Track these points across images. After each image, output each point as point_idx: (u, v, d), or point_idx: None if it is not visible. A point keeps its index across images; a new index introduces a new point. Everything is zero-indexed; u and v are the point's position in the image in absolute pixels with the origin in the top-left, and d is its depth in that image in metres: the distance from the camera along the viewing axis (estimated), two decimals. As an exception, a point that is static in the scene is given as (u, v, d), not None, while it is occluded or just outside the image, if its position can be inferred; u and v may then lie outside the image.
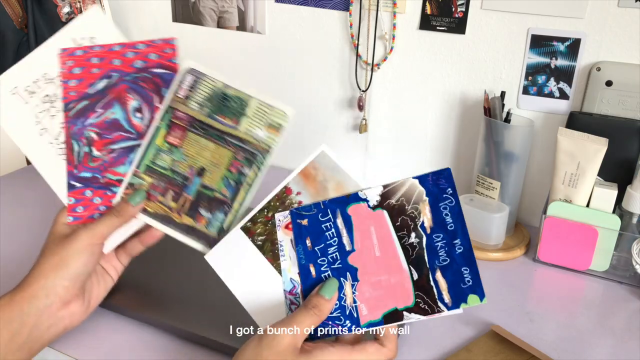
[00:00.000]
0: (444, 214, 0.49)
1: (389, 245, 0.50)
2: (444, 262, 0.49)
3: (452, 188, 0.49)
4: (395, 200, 0.50)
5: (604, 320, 0.68)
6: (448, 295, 0.48)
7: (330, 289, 0.50)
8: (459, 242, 0.49)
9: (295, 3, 0.96)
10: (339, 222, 0.51)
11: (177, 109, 0.57)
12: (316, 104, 1.01)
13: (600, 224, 0.74)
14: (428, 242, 0.49)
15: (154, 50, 0.58)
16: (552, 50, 0.81)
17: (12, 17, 1.04)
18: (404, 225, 0.50)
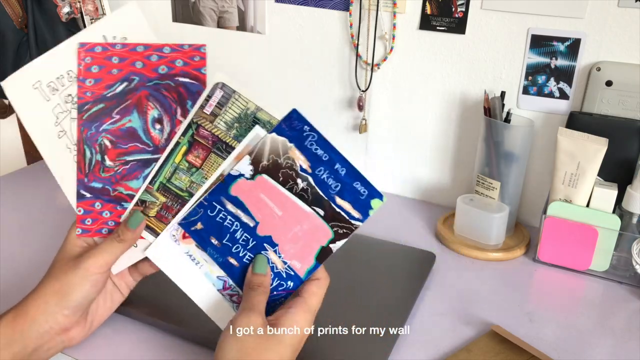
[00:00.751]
0: (314, 149, 0.51)
1: (284, 200, 0.51)
2: (337, 187, 0.51)
3: (307, 125, 0.52)
4: (266, 160, 0.51)
5: (604, 320, 0.68)
6: (355, 211, 0.51)
7: (261, 264, 0.52)
8: (340, 165, 0.51)
9: (295, 3, 0.96)
10: (230, 207, 0.52)
11: (201, 126, 0.53)
12: (316, 104, 1.01)
13: (600, 224, 0.74)
14: (315, 180, 0.51)
15: (181, 56, 0.54)
16: (552, 50, 0.81)
17: (12, 17, 1.04)
18: (287, 177, 0.52)
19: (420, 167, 0.97)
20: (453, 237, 0.84)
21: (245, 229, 0.52)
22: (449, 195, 0.96)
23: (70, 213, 0.57)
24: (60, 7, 1.03)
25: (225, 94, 0.53)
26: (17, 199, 0.93)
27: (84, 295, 0.53)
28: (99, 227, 0.56)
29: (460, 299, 0.71)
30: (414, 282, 0.71)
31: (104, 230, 0.56)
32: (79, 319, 0.54)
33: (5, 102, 1.24)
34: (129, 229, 0.54)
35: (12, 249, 0.78)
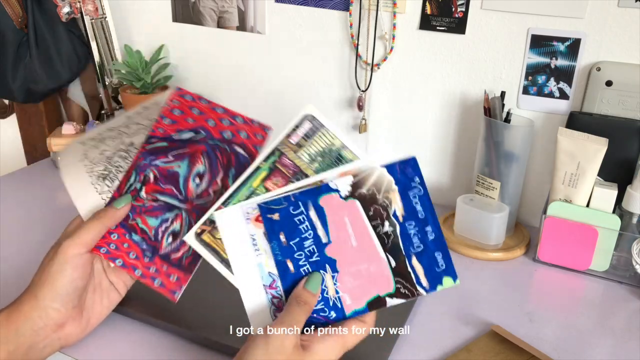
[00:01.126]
0: (414, 202, 0.51)
1: (365, 234, 0.51)
2: (418, 248, 0.50)
3: (419, 177, 0.51)
4: (365, 189, 0.51)
5: (604, 320, 0.68)
6: (425, 279, 0.50)
7: (316, 282, 0.50)
8: (430, 229, 0.51)
9: (295, 3, 0.96)
10: (312, 214, 0.51)
11: (285, 154, 0.52)
12: (316, 104, 1.00)
13: (600, 224, 0.74)
14: (402, 230, 0.50)
15: (248, 129, 0.57)
16: (552, 50, 0.81)
17: (12, 17, 1.04)
18: (377, 214, 0.51)
19: (420, 167, 0.97)
20: (453, 237, 0.84)
21: (316, 241, 0.51)
22: (449, 195, 0.96)
23: (70, 213, 0.58)
24: (60, 7, 1.03)
25: (313, 127, 0.53)
26: (17, 199, 0.93)
27: (68, 281, 0.52)
28: (101, 246, 0.56)
29: (460, 299, 0.71)
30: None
31: (103, 249, 0.56)
32: (73, 314, 0.54)
33: (5, 102, 1.24)
34: (114, 207, 0.55)
35: (12, 249, 0.78)
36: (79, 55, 1.11)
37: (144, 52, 1.09)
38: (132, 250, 0.57)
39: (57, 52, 1.08)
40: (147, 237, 0.57)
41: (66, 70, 1.11)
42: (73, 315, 0.54)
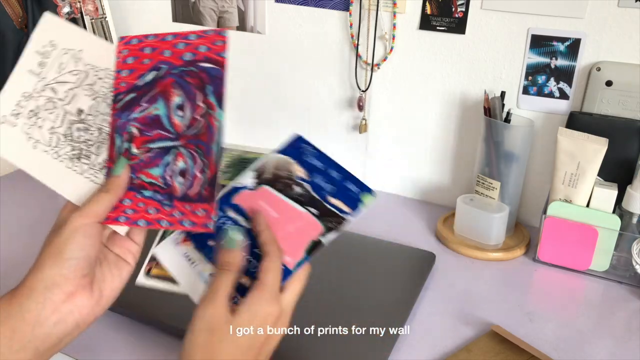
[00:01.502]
0: (311, 162, 0.57)
1: (281, 204, 0.56)
2: (330, 189, 0.56)
3: (308, 144, 0.58)
4: (268, 174, 0.57)
5: (604, 320, 0.68)
6: (347, 207, 0.55)
7: (229, 240, 0.51)
8: (334, 171, 0.57)
9: (295, 3, 0.96)
10: (231, 213, 0.56)
11: None
12: (316, 104, 1.01)
13: (600, 224, 0.74)
14: (311, 185, 0.56)
15: (205, 41, 0.56)
16: (552, 50, 0.81)
17: (12, 17, 1.04)
18: (285, 185, 0.57)
19: (420, 167, 0.97)
20: (453, 237, 0.84)
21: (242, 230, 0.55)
22: (449, 195, 0.96)
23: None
24: (60, 7, 1.03)
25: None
26: (17, 199, 0.93)
27: (78, 249, 0.50)
28: (117, 215, 0.55)
29: (460, 299, 0.71)
30: (414, 282, 0.71)
31: (121, 218, 0.55)
32: (83, 283, 0.50)
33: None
34: (114, 175, 0.54)
35: (12, 248, 0.78)
36: (79, 55, 1.11)
37: (144, 52, 1.09)
38: (150, 206, 0.56)
39: (57, 52, 1.08)
40: (157, 187, 0.56)
41: (66, 70, 1.11)
42: (83, 284, 0.50)
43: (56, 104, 0.57)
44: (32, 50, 0.57)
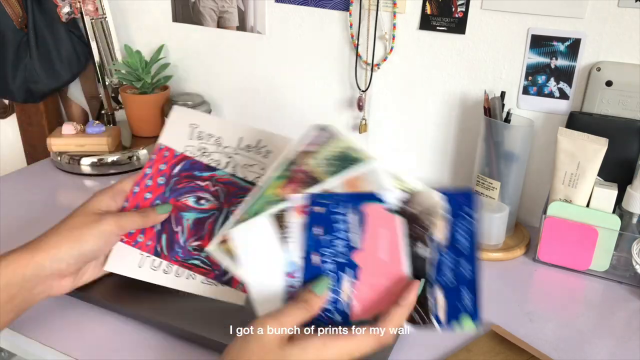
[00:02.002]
0: (459, 235, 0.49)
1: (397, 251, 0.49)
2: (447, 281, 0.49)
3: (473, 211, 0.49)
4: (413, 208, 0.50)
5: (604, 320, 0.68)
6: (444, 314, 0.48)
7: (322, 285, 0.50)
8: (468, 267, 0.49)
9: (295, 3, 0.96)
10: (353, 217, 0.50)
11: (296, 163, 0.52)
12: (316, 104, 1.01)
13: (600, 224, 0.74)
14: (436, 257, 0.49)
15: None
16: (552, 50, 0.81)
17: (12, 17, 1.04)
18: (416, 234, 0.49)
19: (420, 167, 0.97)
20: (453, 237, 0.84)
21: (347, 243, 0.50)
22: (449, 195, 0.96)
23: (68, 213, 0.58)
24: (60, 7, 1.03)
25: (323, 135, 0.52)
26: (17, 199, 0.93)
27: (94, 249, 0.57)
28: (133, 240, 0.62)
29: (460, 299, 0.71)
30: (414, 282, 0.71)
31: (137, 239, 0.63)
32: (75, 271, 0.58)
33: (5, 102, 1.24)
34: (155, 211, 0.61)
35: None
36: (79, 55, 1.11)
37: (144, 52, 1.09)
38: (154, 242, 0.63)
39: (57, 52, 1.08)
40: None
41: (66, 70, 1.11)
42: (74, 272, 0.58)
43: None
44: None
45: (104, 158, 1.02)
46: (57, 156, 1.02)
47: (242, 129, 0.63)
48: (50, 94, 1.14)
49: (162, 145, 0.64)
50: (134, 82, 1.06)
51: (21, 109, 1.24)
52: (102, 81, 1.10)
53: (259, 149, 0.64)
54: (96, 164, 1.01)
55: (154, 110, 1.07)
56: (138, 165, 1.05)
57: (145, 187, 0.63)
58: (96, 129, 1.04)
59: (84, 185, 1.00)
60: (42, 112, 1.21)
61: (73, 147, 1.02)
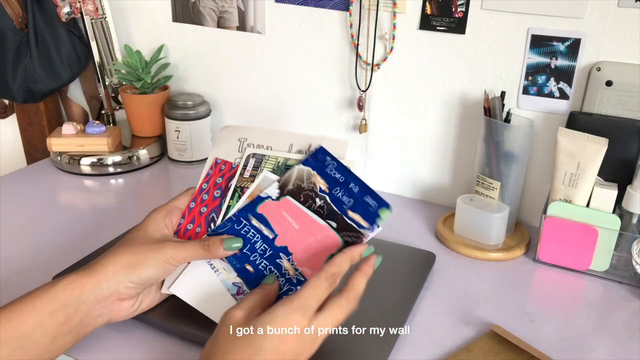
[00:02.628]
0: (332, 174, 0.59)
1: (302, 216, 0.58)
2: (350, 203, 0.58)
3: (329, 156, 0.60)
4: (291, 185, 0.60)
5: (604, 320, 0.68)
6: (365, 222, 0.56)
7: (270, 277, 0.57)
8: (353, 184, 0.58)
9: (295, 3, 0.96)
10: (254, 222, 0.60)
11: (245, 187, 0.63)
12: (316, 104, 1.01)
13: (600, 224, 0.74)
14: (331, 198, 0.58)
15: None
16: (552, 50, 0.81)
17: (12, 17, 1.04)
18: (307, 197, 0.59)
19: (420, 167, 0.97)
20: (453, 237, 0.84)
21: (264, 240, 0.59)
22: (449, 195, 0.96)
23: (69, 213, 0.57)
24: (60, 7, 1.03)
25: (257, 160, 0.64)
26: (17, 199, 0.93)
27: (153, 277, 0.56)
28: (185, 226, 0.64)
29: (460, 299, 0.71)
30: (414, 282, 0.71)
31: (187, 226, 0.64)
32: (135, 294, 0.57)
33: (5, 102, 1.24)
34: (222, 246, 0.58)
35: (12, 248, 0.78)
36: (79, 55, 1.11)
37: (144, 52, 1.09)
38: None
39: (57, 52, 1.08)
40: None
41: (66, 70, 1.11)
42: (134, 295, 0.57)
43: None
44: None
45: (104, 158, 1.02)
46: (57, 156, 1.02)
47: (290, 135, 0.64)
48: (50, 94, 1.14)
49: (219, 160, 0.66)
50: (134, 82, 1.06)
51: (21, 109, 1.24)
52: (102, 81, 1.10)
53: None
54: (96, 164, 1.01)
55: (154, 110, 1.07)
56: (138, 165, 1.05)
57: (201, 202, 0.64)
58: (96, 129, 1.04)
59: (84, 185, 1.00)
60: (42, 112, 1.21)
61: (73, 147, 1.02)
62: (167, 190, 1.02)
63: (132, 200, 0.96)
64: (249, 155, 0.64)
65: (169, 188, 1.03)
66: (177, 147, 1.06)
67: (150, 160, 1.07)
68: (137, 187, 1.00)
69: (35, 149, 1.27)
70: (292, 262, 0.58)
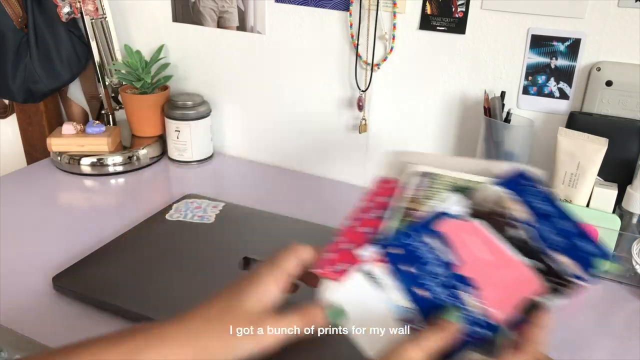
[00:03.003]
0: (536, 204, 0.50)
1: (494, 245, 0.49)
2: (557, 243, 0.48)
3: (534, 182, 0.51)
4: (481, 207, 0.50)
5: (604, 320, 0.68)
6: (576, 268, 0.47)
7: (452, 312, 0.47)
8: (566, 223, 0.49)
9: (295, 3, 0.96)
10: (434, 241, 0.49)
11: (412, 209, 0.51)
12: (316, 104, 1.01)
13: (600, 224, 0.74)
14: (534, 232, 0.49)
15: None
16: (552, 50, 0.81)
17: (12, 17, 1.04)
18: (500, 225, 0.49)
19: (420, 167, 0.97)
20: (453, 237, 0.84)
21: (446, 265, 0.49)
22: (449, 195, 0.96)
23: (69, 213, 0.57)
24: (60, 7, 1.03)
25: (430, 179, 0.54)
26: (17, 199, 0.93)
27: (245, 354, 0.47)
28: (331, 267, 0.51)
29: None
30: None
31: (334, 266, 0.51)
32: None
33: (5, 102, 1.24)
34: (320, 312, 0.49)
35: (12, 248, 0.78)
36: (79, 55, 1.11)
37: (144, 52, 1.09)
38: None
39: (57, 52, 1.08)
40: None
41: (66, 70, 1.11)
42: None
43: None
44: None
45: (104, 158, 1.02)
46: (57, 156, 1.02)
47: (471, 160, 0.56)
48: (50, 94, 1.14)
49: (384, 178, 0.59)
50: (134, 82, 1.06)
51: (21, 109, 1.24)
52: (102, 81, 1.10)
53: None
54: (96, 164, 1.01)
55: (154, 110, 1.07)
56: (138, 165, 1.05)
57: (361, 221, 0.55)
58: (96, 129, 1.04)
59: (84, 185, 1.00)
60: (42, 112, 1.21)
61: (73, 147, 1.02)
62: (167, 190, 1.02)
63: (132, 200, 0.96)
64: (420, 174, 0.54)
65: (169, 188, 1.03)
66: (177, 147, 1.06)
67: (150, 160, 1.07)
68: (137, 187, 1.00)
69: (35, 149, 1.27)
70: (478, 299, 0.48)
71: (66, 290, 0.68)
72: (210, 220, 0.83)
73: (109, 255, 0.74)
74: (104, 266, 0.71)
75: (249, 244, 0.77)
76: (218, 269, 0.71)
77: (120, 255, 0.74)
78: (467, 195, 0.50)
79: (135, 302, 0.64)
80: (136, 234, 0.79)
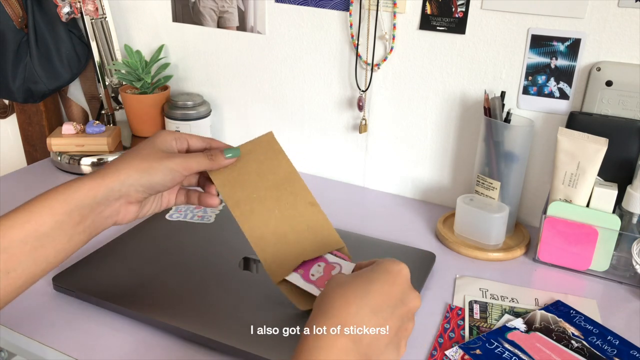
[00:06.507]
0: (583, 325, 0.64)
1: (562, 352, 0.59)
2: (613, 352, 0.60)
3: (572, 309, 0.66)
4: (537, 324, 0.64)
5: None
6: None
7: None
8: (612, 337, 0.62)
9: (295, 3, 0.96)
10: (507, 346, 0.60)
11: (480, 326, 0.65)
12: (316, 104, 1.01)
13: (600, 224, 0.74)
14: (589, 344, 0.61)
15: None
16: (552, 50, 0.81)
17: (12, 17, 1.04)
18: (560, 338, 0.61)
19: (420, 167, 0.97)
20: (453, 237, 0.84)
21: None
22: (449, 195, 0.96)
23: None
24: (60, 7, 1.03)
25: (481, 306, 0.68)
26: (17, 199, 0.93)
27: (161, 183, 0.58)
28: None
29: (460, 299, 0.71)
30: (414, 282, 0.71)
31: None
32: (141, 199, 0.59)
33: (5, 102, 1.24)
34: (223, 155, 0.61)
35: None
36: (79, 55, 1.11)
37: (144, 52, 1.09)
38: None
39: (57, 52, 1.08)
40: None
41: (66, 70, 1.11)
42: (140, 200, 0.59)
43: None
44: None
45: (104, 158, 1.02)
46: (57, 156, 1.02)
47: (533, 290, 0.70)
48: (50, 94, 1.14)
49: (453, 306, 0.69)
50: (134, 82, 1.06)
51: (21, 109, 1.24)
52: (102, 81, 1.10)
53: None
54: (96, 164, 1.01)
55: (154, 110, 1.07)
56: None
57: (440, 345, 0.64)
58: (96, 129, 1.04)
59: (84, 185, 1.00)
60: (42, 112, 1.21)
61: (73, 147, 1.02)
62: (167, 190, 1.02)
63: (132, 200, 0.96)
64: (471, 302, 0.69)
65: (169, 188, 1.03)
66: (177, 147, 1.06)
67: (150, 160, 1.07)
68: (137, 187, 1.00)
69: (35, 149, 1.27)
70: None
71: (66, 290, 0.68)
72: (210, 220, 0.83)
73: (109, 255, 0.74)
74: (104, 266, 0.71)
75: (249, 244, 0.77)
76: (218, 269, 0.71)
77: (121, 255, 0.74)
78: (522, 316, 0.65)
79: (135, 302, 0.64)
80: (136, 234, 0.79)
